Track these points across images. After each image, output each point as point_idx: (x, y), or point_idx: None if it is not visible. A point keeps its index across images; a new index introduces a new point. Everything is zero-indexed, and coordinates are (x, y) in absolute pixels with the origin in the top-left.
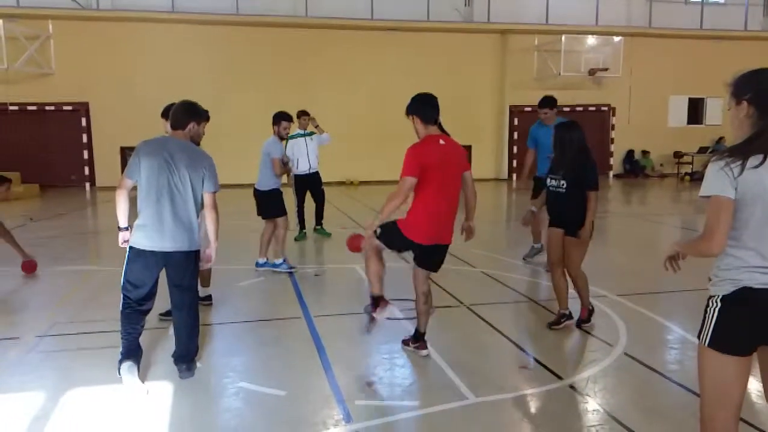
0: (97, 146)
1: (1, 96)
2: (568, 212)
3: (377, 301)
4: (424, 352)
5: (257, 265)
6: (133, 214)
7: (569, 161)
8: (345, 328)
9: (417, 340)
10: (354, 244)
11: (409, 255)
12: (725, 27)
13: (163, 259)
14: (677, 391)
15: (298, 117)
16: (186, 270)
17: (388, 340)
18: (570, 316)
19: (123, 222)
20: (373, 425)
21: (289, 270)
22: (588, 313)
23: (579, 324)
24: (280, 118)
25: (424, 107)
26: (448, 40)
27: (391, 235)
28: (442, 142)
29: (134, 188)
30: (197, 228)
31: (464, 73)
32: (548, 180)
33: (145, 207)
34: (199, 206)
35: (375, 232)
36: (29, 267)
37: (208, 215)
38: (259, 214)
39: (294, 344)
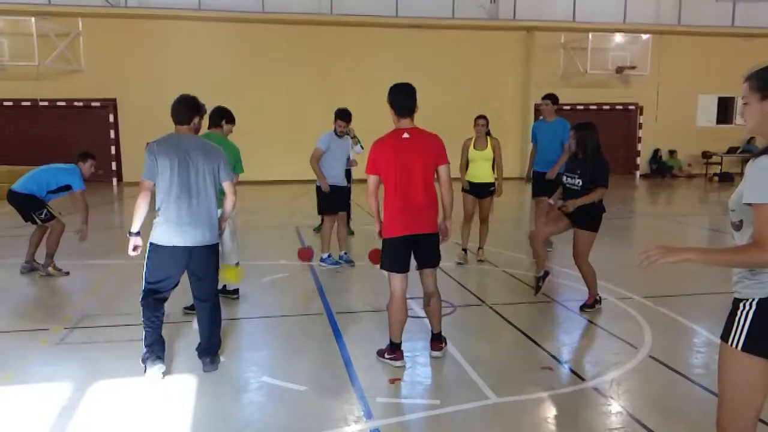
0: (125, 142)
1: (32, 92)
2: (582, 210)
3: (392, 348)
4: (435, 353)
5: (330, 262)
6: (150, 210)
7: (586, 161)
8: (366, 324)
9: (432, 340)
10: (375, 256)
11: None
12: (757, 24)
13: (187, 254)
14: (702, 394)
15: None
16: (208, 263)
17: (410, 338)
18: (599, 301)
19: (137, 227)
20: (394, 423)
21: (334, 264)
22: (594, 300)
23: (582, 308)
24: (337, 116)
25: (397, 98)
26: (473, 37)
27: (383, 255)
28: (406, 135)
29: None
30: (217, 221)
31: (489, 71)
32: (565, 178)
33: (166, 204)
34: (219, 198)
35: (381, 262)
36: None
37: (231, 199)
38: None
39: (316, 340)
